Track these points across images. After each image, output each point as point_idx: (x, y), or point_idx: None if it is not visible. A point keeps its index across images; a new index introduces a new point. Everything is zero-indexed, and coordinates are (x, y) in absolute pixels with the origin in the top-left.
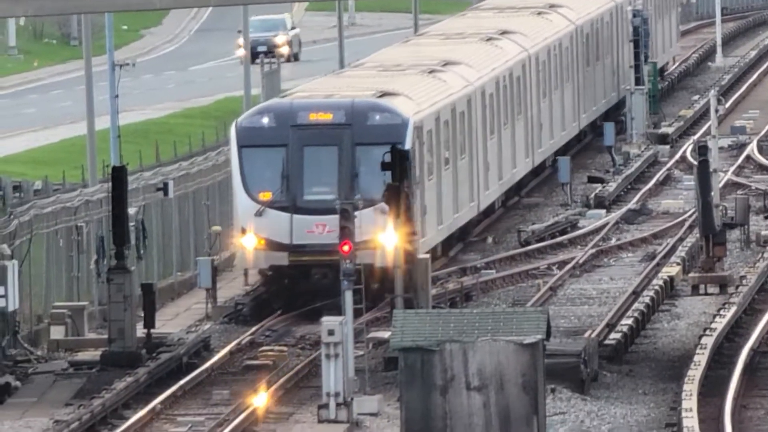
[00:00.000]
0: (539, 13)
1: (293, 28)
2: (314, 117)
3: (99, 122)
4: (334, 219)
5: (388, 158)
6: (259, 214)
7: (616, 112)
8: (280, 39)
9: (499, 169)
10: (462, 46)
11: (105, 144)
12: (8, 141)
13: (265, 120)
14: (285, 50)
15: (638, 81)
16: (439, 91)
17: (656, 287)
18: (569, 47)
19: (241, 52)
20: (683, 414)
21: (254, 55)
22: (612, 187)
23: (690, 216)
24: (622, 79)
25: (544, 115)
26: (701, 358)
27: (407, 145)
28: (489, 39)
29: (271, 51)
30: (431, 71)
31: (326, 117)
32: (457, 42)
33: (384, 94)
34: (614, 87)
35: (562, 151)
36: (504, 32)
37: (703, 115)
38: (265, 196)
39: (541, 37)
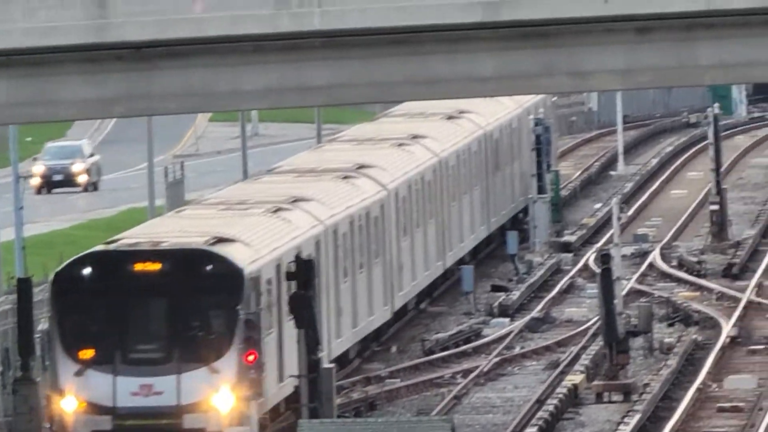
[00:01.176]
0: (401, 144)
1: (92, 155)
2: (140, 267)
3: (3, 234)
4: (162, 380)
5: (293, 267)
6: (79, 374)
7: (519, 221)
8: (77, 167)
9: (353, 319)
10: (315, 182)
11: (10, 255)
12: None
13: (87, 270)
14: (82, 179)
15: (541, 189)
16: (282, 233)
17: (560, 395)
18: (432, 181)
19: (35, 181)
20: None
21: (50, 184)
22: (515, 295)
23: (593, 324)
24: (521, 190)
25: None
26: None
27: (242, 298)
28: (345, 177)
29: (68, 180)
30: (276, 210)
31: (154, 267)
32: (310, 178)
33: (218, 240)
34: (514, 197)
35: (426, 291)
36: (361, 166)
37: (605, 223)
38: (86, 354)
39: (401, 171)
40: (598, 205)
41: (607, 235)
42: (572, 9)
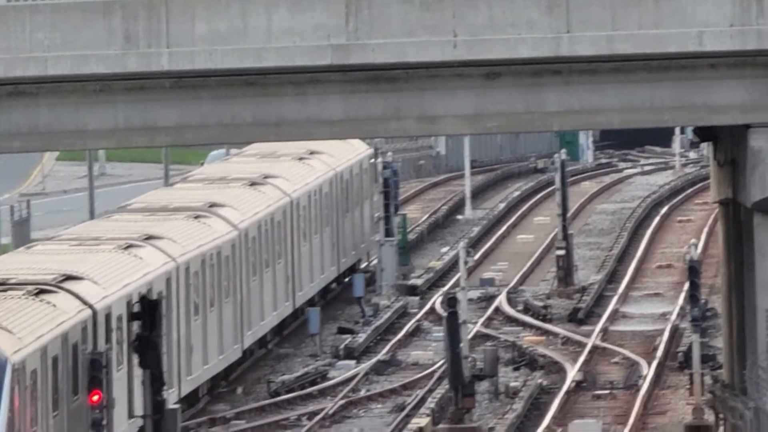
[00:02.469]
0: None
1: None
2: None
3: None
4: None
5: (136, 308)
6: None
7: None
8: None
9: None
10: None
11: None
12: None
13: None
14: None
15: (388, 232)
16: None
17: None
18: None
19: None
20: None
21: None
22: (362, 338)
23: (439, 367)
24: (367, 233)
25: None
26: None
27: (4, 392)
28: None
29: None
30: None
31: None
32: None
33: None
34: (364, 238)
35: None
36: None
37: (452, 266)
38: None
39: (194, 244)
40: (445, 249)
41: (454, 279)
42: (421, 53)
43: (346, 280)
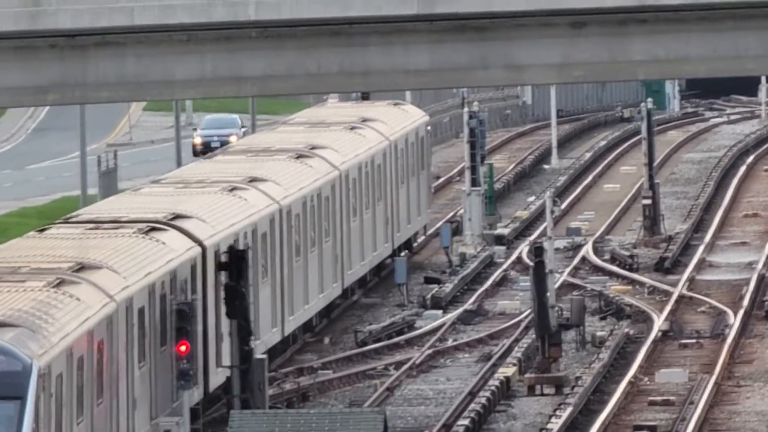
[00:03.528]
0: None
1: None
2: None
3: None
4: None
5: (224, 258)
6: None
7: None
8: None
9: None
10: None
11: None
12: None
13: None
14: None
15: (474, 182)
16: (74, 314)
17: (492, 388)
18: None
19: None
20: None
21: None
22: (448, 287)
23: (526, 317)
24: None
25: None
26: None
27: (29, 398)
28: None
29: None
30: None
31: None
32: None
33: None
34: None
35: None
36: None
37: (538, 216)
38: None
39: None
40: (531, 198)
41: (540, 228)
42: (508, 3)
43: (433, 229)
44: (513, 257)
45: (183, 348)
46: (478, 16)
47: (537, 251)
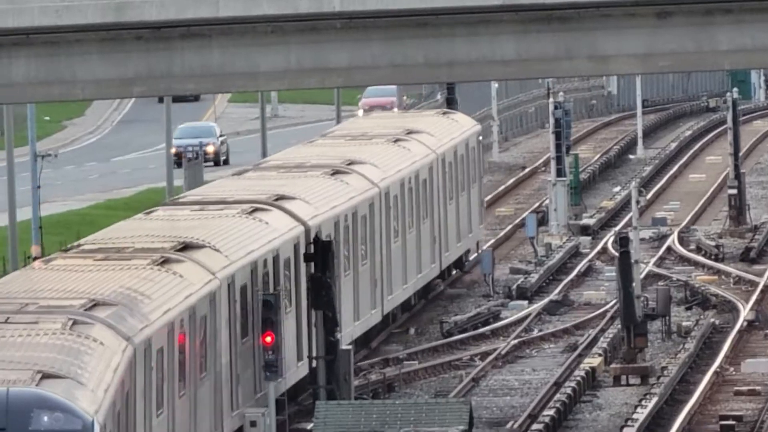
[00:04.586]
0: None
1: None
2: None
3: (20, 213)
4: None
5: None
6: None
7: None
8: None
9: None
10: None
11: (27, 235)
12: None
13: None
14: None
15: (560, 172)
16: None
17: (578, 378)
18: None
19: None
20: None
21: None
22: (534, 278)
23: (611, 307)
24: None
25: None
26: None
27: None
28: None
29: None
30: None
31: None
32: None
33: (46, 376)
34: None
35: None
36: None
37: (624, 206)
38: None
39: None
40: (617, 189)
41: (626, 219)
42: None
43: (519, 220)
44: (598, 247)
45: (268, 339)
46: (564, 6)
47: (622, 241)
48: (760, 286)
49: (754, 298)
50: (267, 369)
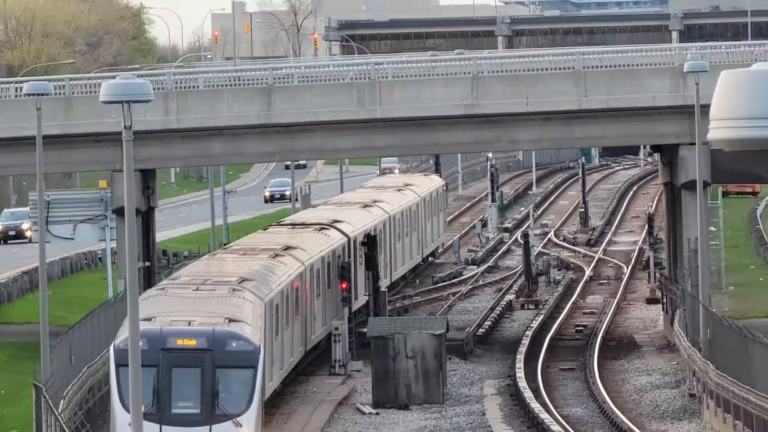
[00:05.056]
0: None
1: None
2: (181, 342)
3: (217, 221)
4: (198, 430)
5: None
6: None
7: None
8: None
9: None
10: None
11: (220, 233)
12: (171, 231)
13: (140, 343)
14: None
15: (493, 199)
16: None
17: (502, 305)
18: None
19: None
20: (516, 371)
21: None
22: (480, 254)
23: (519, 269)
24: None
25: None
26: (526, 341)
27: (259, 370)
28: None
29: None
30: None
31: (191, 342)
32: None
33: (230, 320)
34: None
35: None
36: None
37: (526, 217)
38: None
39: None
40: (522, 208)
41: (527, 224)
42: (510, 107)
43: (472, 224)
44: (513, 239)
45: (344, 285)
46: (495, 115)
47: (525, 236)
48: (596, 259)
49: (592, 264)
50: (343, 301)
